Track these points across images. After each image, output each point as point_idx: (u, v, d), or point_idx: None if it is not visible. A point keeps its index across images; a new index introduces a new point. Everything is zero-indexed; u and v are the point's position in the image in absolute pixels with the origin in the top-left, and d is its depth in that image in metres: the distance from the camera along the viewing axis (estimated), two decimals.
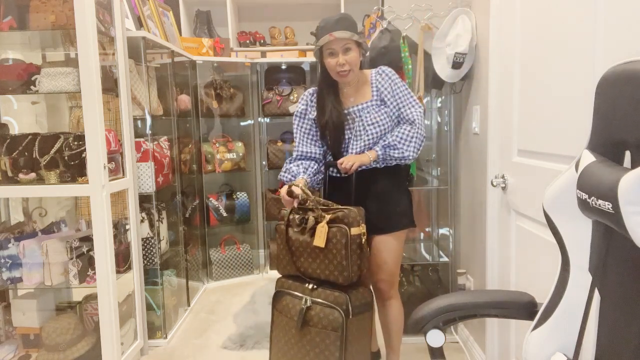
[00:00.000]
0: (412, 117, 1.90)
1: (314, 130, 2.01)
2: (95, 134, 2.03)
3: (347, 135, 1.95)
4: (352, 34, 1.84)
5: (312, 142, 2.02)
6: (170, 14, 3.28)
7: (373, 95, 1.94)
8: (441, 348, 1.08)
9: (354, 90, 1.98)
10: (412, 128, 1.89)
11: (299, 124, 2.04)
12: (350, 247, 1.70)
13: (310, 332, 1.76)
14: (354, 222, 1.72)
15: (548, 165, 1.51)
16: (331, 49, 1.85)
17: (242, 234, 3.97)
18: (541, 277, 1.59)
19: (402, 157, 1.89)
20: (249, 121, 3.94)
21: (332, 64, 1.87)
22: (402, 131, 1.89)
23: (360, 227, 1.73)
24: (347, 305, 1.72)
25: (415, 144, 1.89)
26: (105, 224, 2.08)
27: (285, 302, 1.87)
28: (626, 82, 0.79)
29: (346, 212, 1.74)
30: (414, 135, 1.88)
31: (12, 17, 2.10)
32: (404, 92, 1.93)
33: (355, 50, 1.86)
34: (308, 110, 2.02)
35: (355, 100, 1.97)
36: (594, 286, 0.87)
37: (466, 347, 2.43)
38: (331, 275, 1.75)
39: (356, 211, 1.75)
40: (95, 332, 2.29)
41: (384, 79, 1.94)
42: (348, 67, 1.85)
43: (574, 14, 1.33)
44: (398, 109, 1.93)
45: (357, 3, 3.60)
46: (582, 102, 1.29)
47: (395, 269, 1.99)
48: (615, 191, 0.73)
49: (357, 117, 1.94)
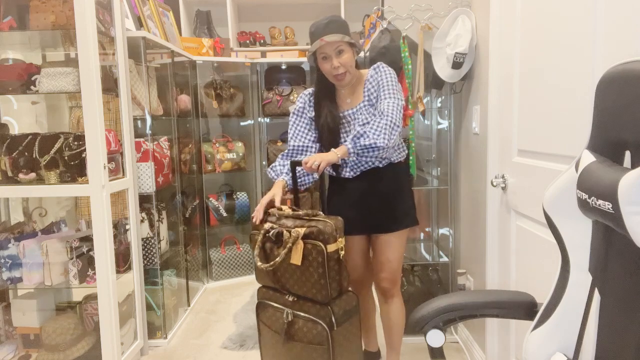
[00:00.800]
0: (383, 108, 1.83)
1: (309, 128, 2.00)
2: (95, 134, 2.03)
3: (343, 138, 1.95)
4: (343, 35, 1.82)
5: (304, 138, 1.99)
6: (170, 14, 3.28)
7: (364, 97, 1.93)
8: (441, 348, 1.08)
9: (350, 91, 1.97)
10: (382, 118, 1.80)
11: (294, 121, 2.02)
12: (328, 265, 1.62)
13: (296, 347, 1.71)
14: (329, 239, 1.62)
15: (548, 165, 1.51)
16: (324, 53, 1.84)
17: (242, 234, 3.97)
18: (541, 277, 1.59)
19: (373, 145, 1.77)
20: (249, 121, 3.94)
21: (327, 68, 1.86)
22: (372, 123, 1.81)
23: (338, 242, 1.64)
24: (330, 317, 1.65)
25: (385, 132, 1.77)
26: (105, 224, 2.08)
27: (268, 313, 1.81)
28: (626, 82, 0.79)
29: (321, 228, 1.62)
30: (384, 124, 1.78)
31: (12, 17, 2.10)
32: (386, 86, 1.88)
33: (348, 52, 1.84)
34: (306, 109, 2.02)
35: (352, 102, 1.96)
36: (594, 286, 0.87)
37: (466, 347, 2.43)
38: (309, 293, 1.67)
39: (332, 224, 1.64)
40: (95, 332, 2.29)
41: (373, 76, 1.91)
42: (343, 70, 1.84)
43: (574, 14, 1.33)
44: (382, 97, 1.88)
45: (357, 3, 3.60)
46: (582, 102, 1.29)
47: (397, 267, 1.99)
48: (615, 191, 0.73)
49: (352, 120, 1.94)
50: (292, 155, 1.99)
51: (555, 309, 0.95)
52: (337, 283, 1.66)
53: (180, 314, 2.99)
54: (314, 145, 2.00)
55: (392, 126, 1.80)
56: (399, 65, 2.34)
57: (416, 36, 2.41)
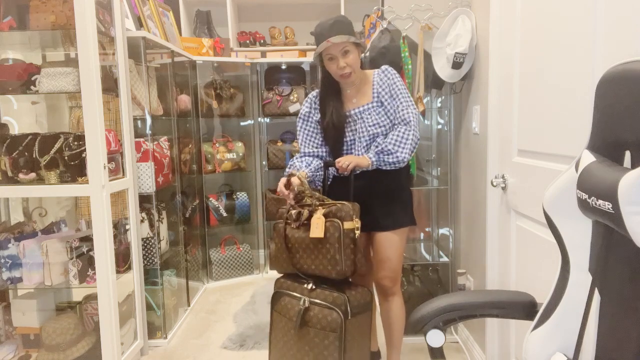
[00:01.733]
0: (408, 117, 1.90)
1: (317, 132, 2.04)
2: (95, 134, 2.03)
3: (350, 137, 1.98)
4: (349, 36, 1.85)
5: (315, 144, 2.05)
6: (170, 14, 3.28)
7: (373, 97, 1.96)
8: (441, 348, 1.08)
9: (355, 91, 2.00)
10: (407, 129, 1.89)
11: (302, 126, 2.07)
12: (344, 242, 1.71)
13: (309, 332, 1.76)
14: (346, 217, 1.73)
15: (548, 165, 1.51)
16: (330, 54, 1.87)
17: (242, 234, 3.98)
18: (541, 277, 1.59)
19: (396, 161, 1.88)
20: (249, 121, 3.94)
21: (333, 68, 1.90)
22: (397, 133, 1.89)
23: (354, 222, 1.73)
24: (346, 305, 1.72)
25: (410, 145, 1.89)
26: (105, 224, 2.08)
27: (283, 302, 1.87)
28: (626, 82, 0.79)
29: (339, 206, 1.75)
30: (409, 136, 1.88)
31: (12, 17, 2.09)
32: (401, 92, 1.94)
33: (354, 52, 1.88)
34: (312, 113, 2.05)
35: (357, 101, 1.99)
36: (594, 286, 0.87)
37: (466, 347, 2.43)
38: (325, 270, 1.76)
39: (350, 206, 1.75)
40: (95, 332, 2.29)
41: (383, 79, 1.96)
42: (349, 70, 1.88)
43: (574, 14, 1.33)
44: (394, 109, 1.94)
45: (357, 3, 3.60)
46: (582, 102, 1.29)
47: (398, 265, 2.01)
48: (615, 191, 0.73)
49: (358, 119, 1.96)
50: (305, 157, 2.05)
51: (555, 309, 0.95)
52: (351, 261, 1.74)
53: (180, 314, 2.99)
54: (324, 149, 2.05)
55: (416, 140, 1.91)
56: (399, 65, 2.34)
57: (416, 36, 2.41)
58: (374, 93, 1.97)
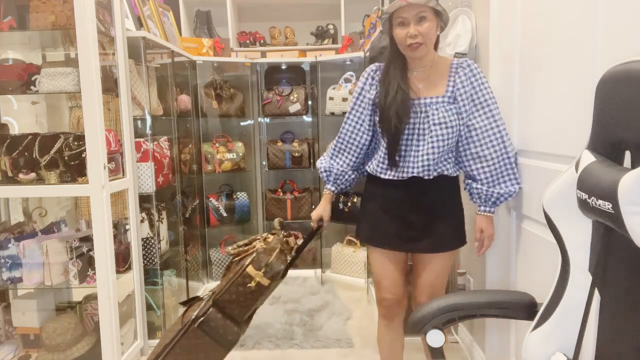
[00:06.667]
0: (503, 136, 1.63)
1: (366, 117, 1.73)
2: (95, 134, 2.03)
3: (409, 129, 1.63)
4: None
5: (360, 129, 1.75)
6: (170, 14, 3.28)
7: (447, 91, 1.62)
8: (441, 348, 1.08)
9: (424, 75, 1.64)
10: (509, 161, 1.64)
11: (352, 107, 1.76)
12: (236, 280, 1.74)
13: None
14: (256, 263, 1.73)
15: (548, 165, 1.51)
16: (402, 18, 1.53)
17: (242, 234, 3.97)
18: (541, 277, 1.59)
19: (510, 192, 1.67)
20: (249, 121, 3.94)
21: (401, 35, 1.55)
22: (502, 172, 1.65)
23: (260, 272, 1.72)
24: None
25: (515, 171, 1.65)
26: (105, 224, 2.08)
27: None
28: (626, 82, 0.79)
29: (259, 254, 1.75)
30: (513, 161, 1.65)
31: (12, 17, 2.10)
32: (492, 102, 1.64)
33: (431, 21, 1.53)
34: (365, 89, 1.74)
35: (425, 90, 1.64)
36: (594, 286, 0.87)
37: (466, 347, 2.43)
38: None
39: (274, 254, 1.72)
40: (95, 332, 2.29)
41: (468, 76, 1.63)
42: (421, 40, 1.53)
43: (574, 14, 1.33)
44: (479, 123, 1.63)
45: (357, 3, 3.60)
46: (582, 102, 1.29)
47: (440, 292, 1.77)
48: (615, 191, 0.73)
49: (422, 111, 1.62)
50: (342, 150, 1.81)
51: (555, 309, 0.95)
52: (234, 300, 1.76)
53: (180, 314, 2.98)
54: (367, 141, 1.76)
55: (516, 158, 1.68)
56: None
57: None
58: (448, 86, 1.62)
